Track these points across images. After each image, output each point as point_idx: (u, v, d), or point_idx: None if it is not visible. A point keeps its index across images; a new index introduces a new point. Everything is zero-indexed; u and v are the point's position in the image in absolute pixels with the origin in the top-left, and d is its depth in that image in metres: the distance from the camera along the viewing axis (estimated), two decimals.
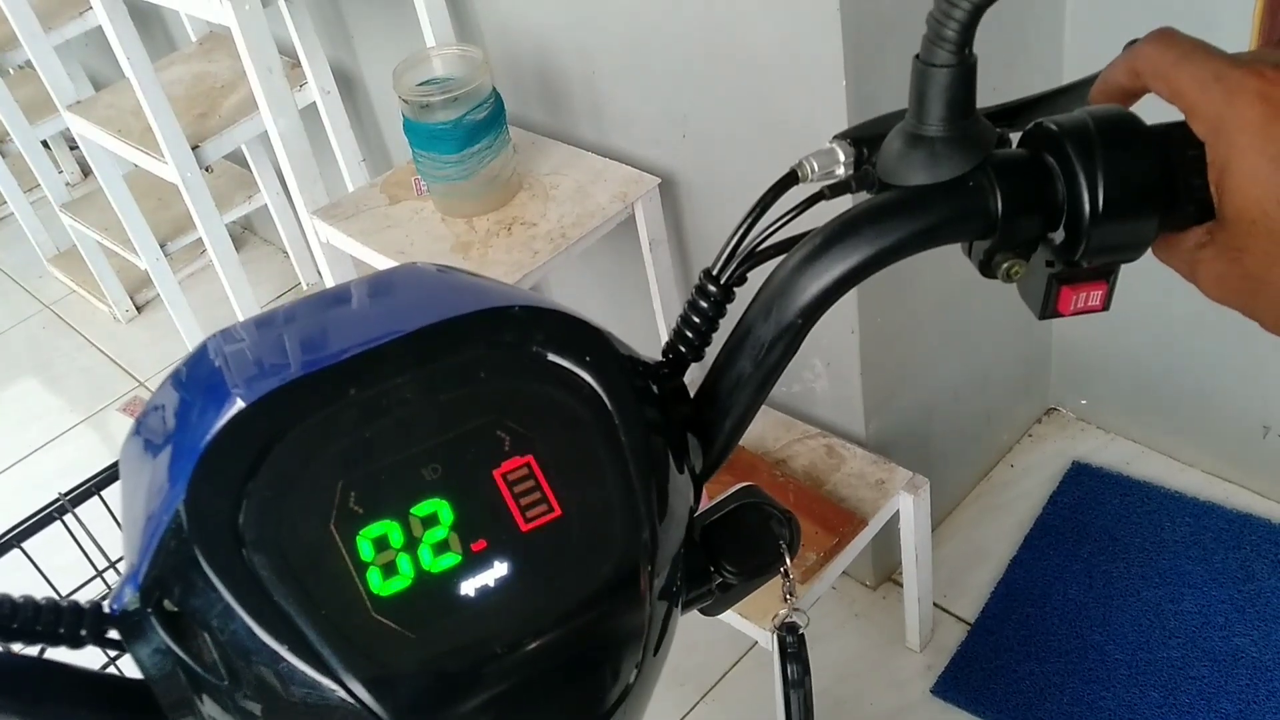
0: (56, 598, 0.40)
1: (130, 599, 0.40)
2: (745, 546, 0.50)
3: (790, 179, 0.47)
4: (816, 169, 0.47)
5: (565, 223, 1.48)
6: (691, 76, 1.42)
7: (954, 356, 1.69)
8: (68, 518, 0.85)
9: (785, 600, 0.52)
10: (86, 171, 3.15)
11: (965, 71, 0.42)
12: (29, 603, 0.39)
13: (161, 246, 2.29)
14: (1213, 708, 1.50)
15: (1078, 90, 0.49)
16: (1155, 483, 1.78)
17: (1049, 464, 1.86)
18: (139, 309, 2.75)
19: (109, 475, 0.86)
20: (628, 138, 1.58)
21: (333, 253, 1.62)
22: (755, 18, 1.29)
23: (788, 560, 0.50)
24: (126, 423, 2.50)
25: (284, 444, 0.40)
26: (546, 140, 1.63)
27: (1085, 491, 1.80)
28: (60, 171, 2.77)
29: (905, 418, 1.65)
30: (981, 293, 1.67)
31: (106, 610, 0.40)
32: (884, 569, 1.76)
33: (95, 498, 0.86)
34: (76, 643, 0.40)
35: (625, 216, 1.51)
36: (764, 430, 1.58)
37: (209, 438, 0.40)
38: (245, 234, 2.87)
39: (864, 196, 0.47)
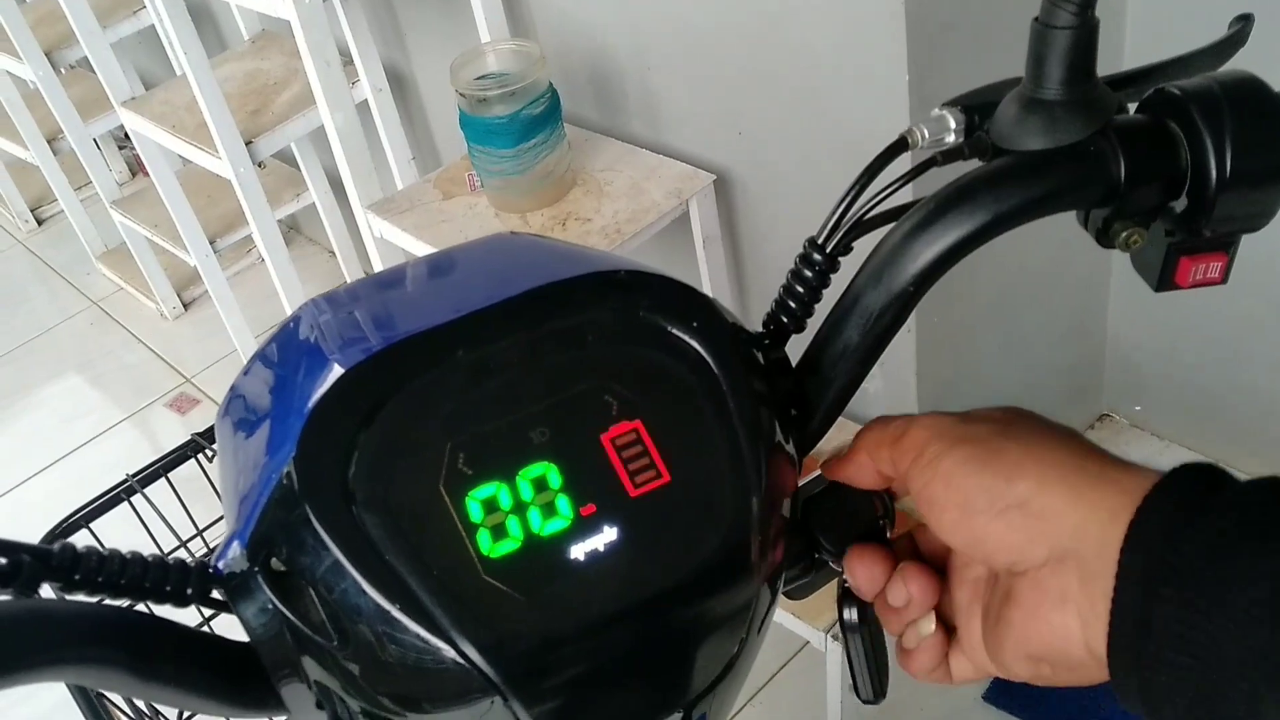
0: (163, 556, 0.40)
1: (237, 557, 0.39)
2: (845, 524, 0.49)
3: (900, 146, 0.46)
4: (927, 136, 0.46)
5: (620, 218, 1.48)
6: (748, 74, 1.41)
7: (1008, 360, 1.67)
8: (136, 499, 0.85)
9: None
10: (134, 171, 3.18)
11: (1087, 33, 0.41)
12: (137, 559, 0.39)
13: (210, 243, 2.31)
14: None
15: (1194, 60, 0.47)
16: None
17: None
18: (186, 306, 2.77)
19: (178, 456, 0.86)
20: (682, 135, 1.57)
21: (386, 247, 1.63)
22: (815, 15, 1.28)
23: (888, 534, 0.49)
24: (173, 419, 2.52)
25: (393, 403, 0.40)
26: (600, 137, 1.63)
27: None
28: (110, 170, 2.79)
29: None
30: (1037, 296, 1.65)
31: (212, 569, 0.40)
32: None
33: (163, 479, 0.86)
34: (182, 600, 0.39)
35: (679, 213, 1.51)
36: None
37: (318, 397, 0.40)
38: (291, 233, 2.89)
39: (975, 164, 0.46)
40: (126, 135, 2.99)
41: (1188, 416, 1.81)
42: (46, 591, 0.38)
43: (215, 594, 0.40)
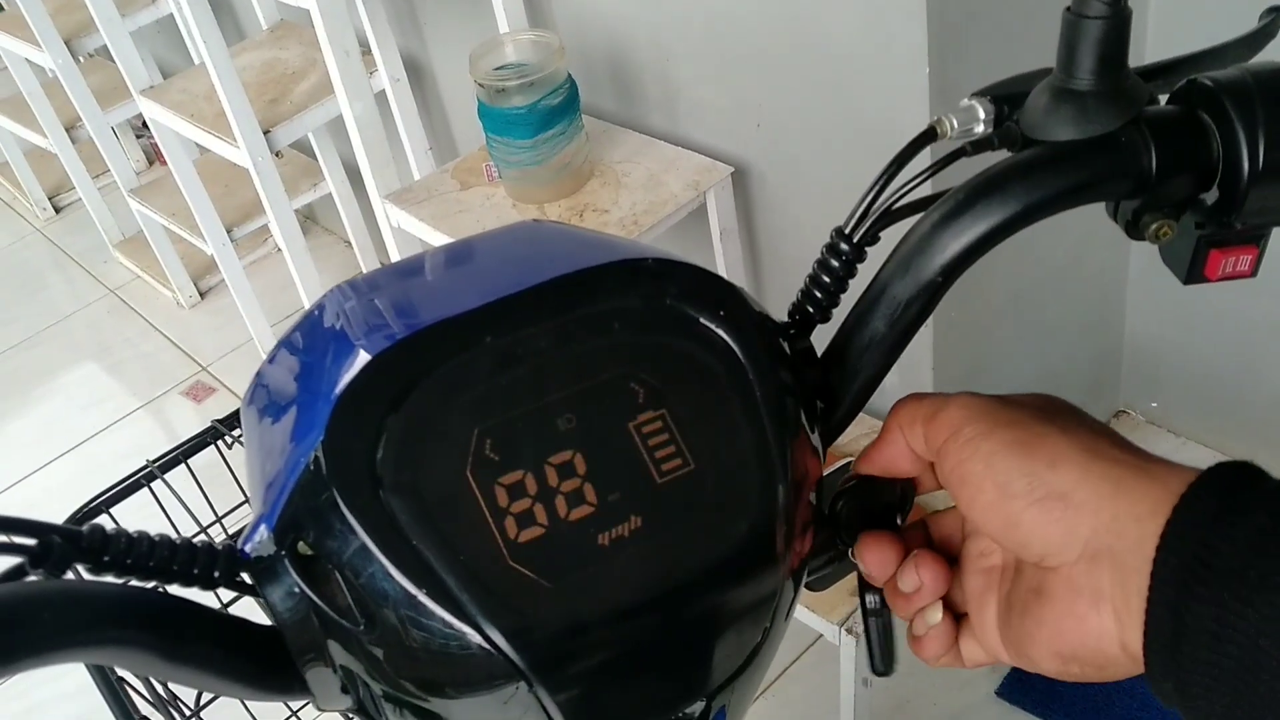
0: (190, 539, 0.40)
1: (264, 541, 0.40)
2: (867, 515, 0.49)
3: (929, 135, 0.46)
4: (956, 126, 0.46)
5: (637, 210, 1.47)
6: (767, 65, 1.41)
7: (1025, 355, 1.67)
8: (156, 485, 0.85)
9: None
10: (152, 160, 3.19)
11: (1119, 23, 0.41)
12: (165, 541, 0.39)
13: (227, 232, 2.32)
14: None
15: (1226, 52, 0.47)
16: None
17: None
18: (202, 295, 2.78)
19: (198, 443, 0.87)
20: (700, 127, 1.57)
21: (403, 237, 1.63)
22: (835, 7, 1.28)
23: (899, 523, 0.49)
24: (189, 407, 2.53)
25: (420, 389, 0.40)
26: (618, 128, 1.63)
27: None
28: (128, 159, 2.80)
29: None
30: (1054, 292, 1.65)
31: (239, 553, 0.40)
32: None
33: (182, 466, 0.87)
34: (209, 584, 0.40)
35: (697, 205, 1.50)
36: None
37: (346, 382, 0.40)
38: (308, 223, 2.89)
39: (1004, 155, 0.45)
40: (144, 124, 3.00)
41: (1205, 413, 1.80)
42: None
43: (242, 578, 0.40)
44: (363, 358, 0.40)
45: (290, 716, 0.93)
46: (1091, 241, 1.60)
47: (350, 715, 0.45)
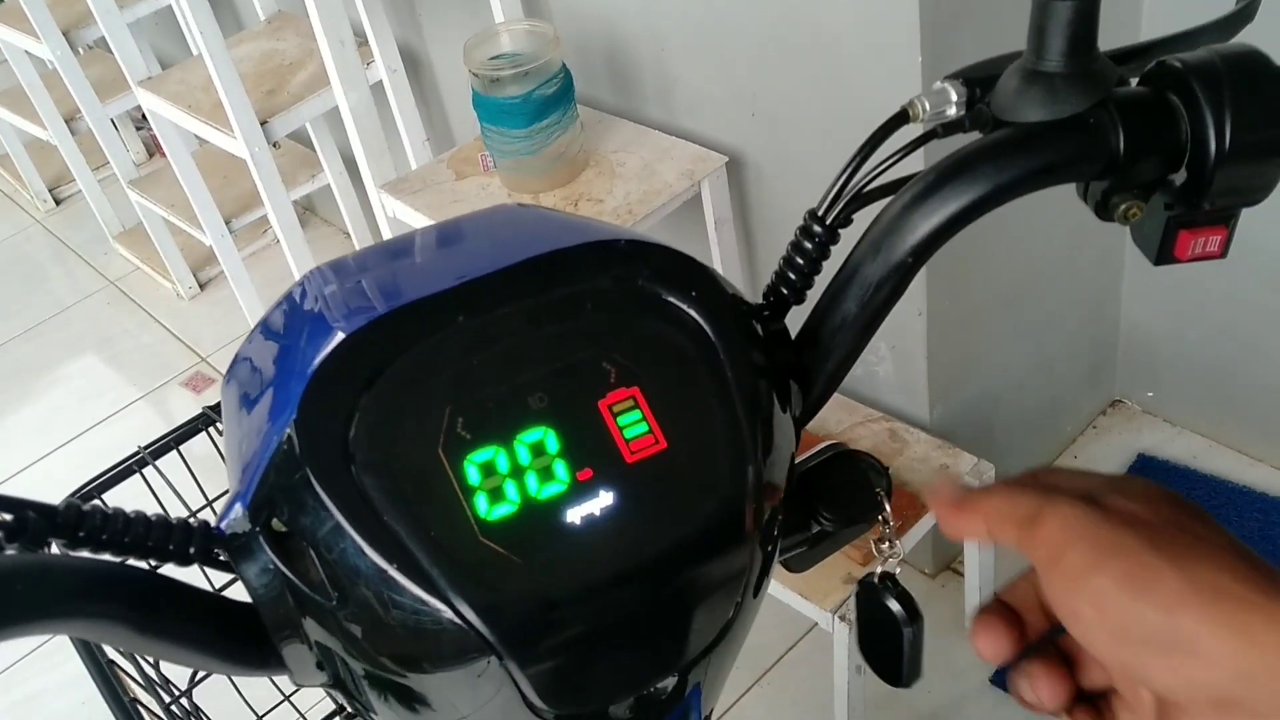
0: (166, 516, 0.40)
1: (239, 518, 0.40)
2: (842, 494, 0.49)
3: (900, 118, 0.46)
4: (928, 108, 0.46)
5: (631, 199, 1.48)
6: (761, 55, 1.41)
7: (1019, 345, 1.67)
8: (147, 471, 0.86)
9: (881, 550, 0.51)
10: (151, 152, 3.19)
11: (1088, 6, 0.41)
12: (141, 518, 0.39)
13: (226, 223, 2.32)
14: None
15: (1201, 34, 0.47)
16: (1223, 477, 1.75)
17: (1114, 456, 1.83)
18: (202, 286, 2.78)
19: (189, 429, 0.87)
20: (695, 117, 1.57)
21: (399, 227, 1.63)
22: None
23: (887, 508, 0.49)
24: (189, 397, 2.54)
25: (393, 368, 0.40)
26: (613, 118, 1.63)
27: None
28: (127, 151, 2.80)
29: (969, 405, 1.63)
30: (1049, 282, 1.65)
31: (215, 530, 0.41)
32: (943, 558, 1.74)
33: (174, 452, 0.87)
34: (185, 560, 0.40)
35: (691, 195, 1.51)
36: (826, 412, 1.57)
37: (319, 361, 0.40)
38: (306, 214, 2.89)
39: (976, 137, 0.46)
40: (144, 116, 3.01)
41: (1200, 403, 1.80)
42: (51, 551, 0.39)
43: (218, 554, 0.41)
44: (336, 337, 0.41)
45: (283, 700, 0.93)
46: (1087, 232, 1.61)
47: (328, 690, 0.46)
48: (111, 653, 0.76)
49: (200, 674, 0.81)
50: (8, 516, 0.36)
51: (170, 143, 2.18)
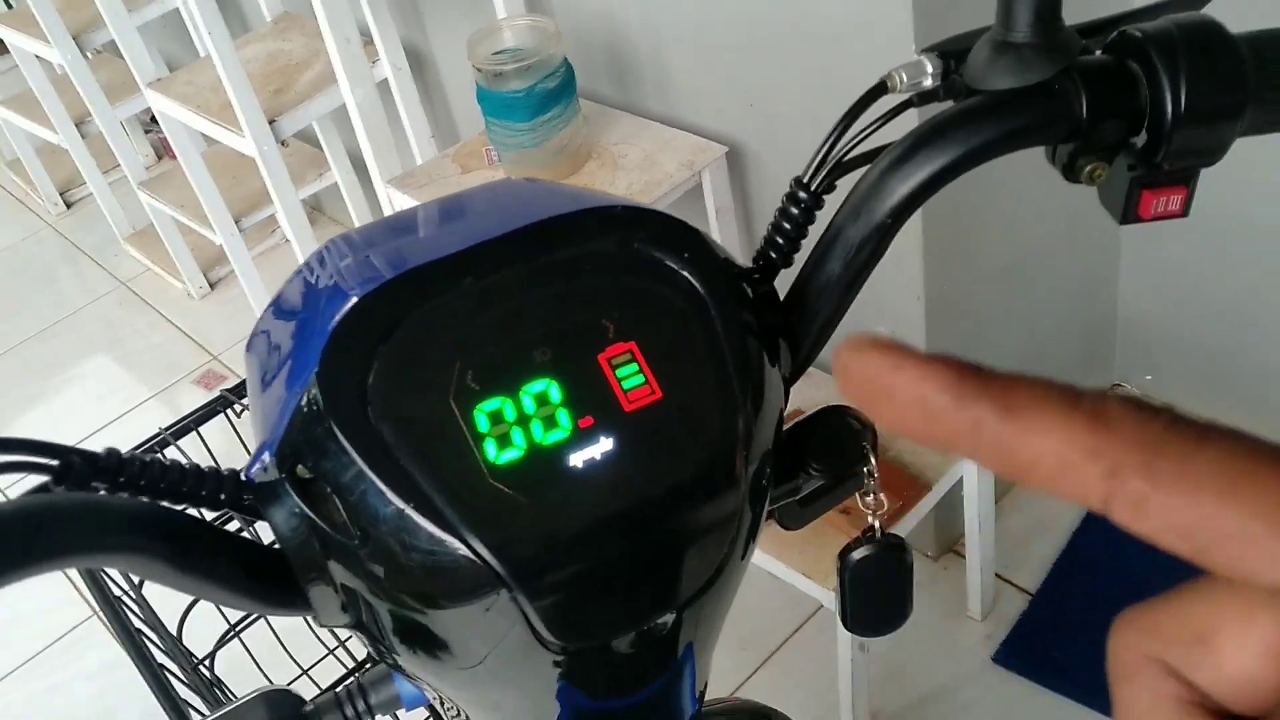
0: (198, 465, 0.43)
1: (267, 465, 0.43)
2: (829, 445, 0.52)
3: (879, 89, 0.49)
4: (905, 80, 0.49)
5: (633, 190, 1.51)
6: (758, 47, 1.44)
7: (1018, 328, 1.69)
8: (169, 451, 0.89)
9: (865, 504, 0.54)
10: (160, 154, 3.23)
11: None
12: (176, 466, 0.42)
13: (236, 223, 2.36)
14: None
15: (1169, 6, 0.50)
16: None
17: None
18: (212, 285, 2.82)
19: (208, 411, 0.90)
20: (694, 109, 1.60)
21: None
22: None
23: (872, 460, 0.52)
24: (201, 395, 2.58)
25: (406, 325, 0.43)
26: (614, 111, 1.66)
27: None
28: (137, 153, 2.84)
29: None
30: (1047, 265, 1.68)
31: (244, 478, 0.44)
32: (945, 540, 1.77)
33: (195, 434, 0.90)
34: (216, 505, 0.43)
35: (693, 185, 1.54)
36: (828, 397, 1.60)
37: (338, 319, 0.43)
38: (314, 214, 2.93)
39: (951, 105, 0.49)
40: (153, 119, 3.05)
41: (1199, 386, 1.82)
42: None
43: (246, 500, 0.44)
44: (353, 299, 0.44)
45: (301, 674, 0.96)
46: (1084, 216, 1.63)
47: (352, 632, 0.49)
48: (139, 623, 0.79)
49: (220, 643, 0.84)
50: (54, 461, 0.40)
51: (180, 143, 2.22)
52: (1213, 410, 1.81)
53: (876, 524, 0.55)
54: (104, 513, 0.39)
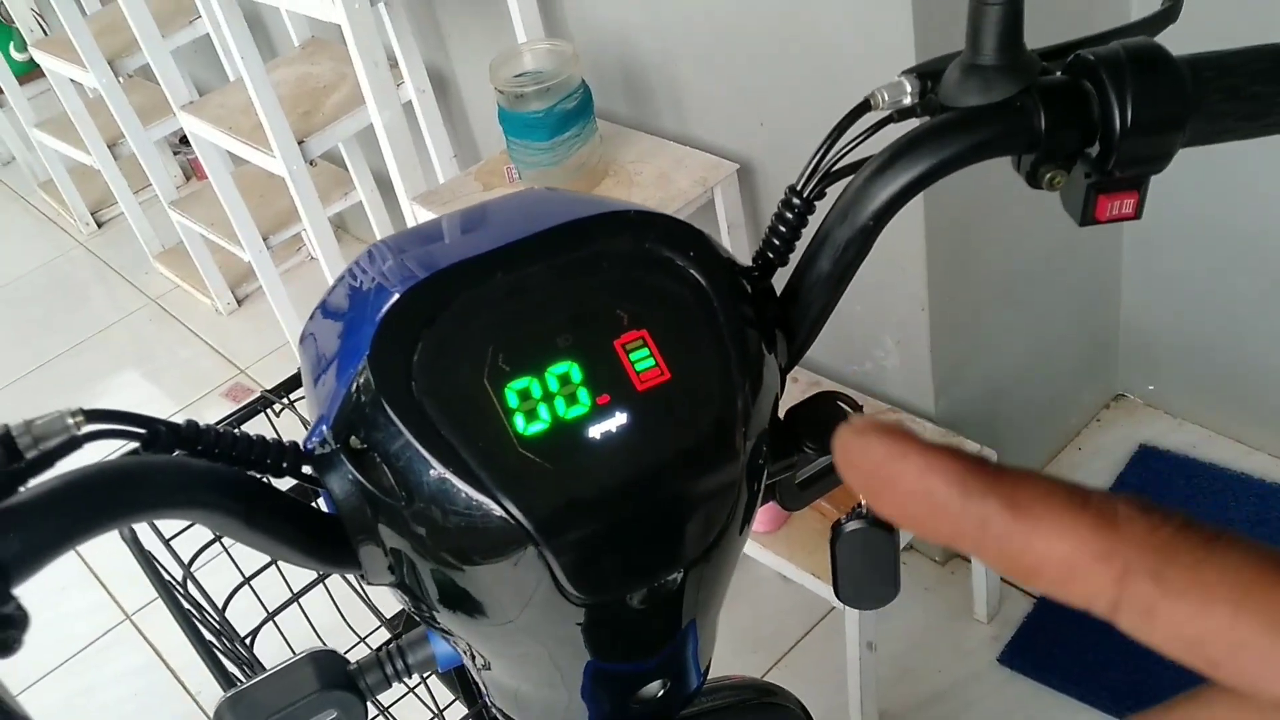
0: (264, 437, 0.50)
1: (324, 437, 0.49)
2: (822, 426, 0.58)
3: (863, 107, 0.55)
4: (886, 98, 0.55)
5: (648, 205, 1.57)
6: (767, 67, 1.51)
7: (1021, 338, 1.74)
8: None
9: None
10: (189, 175, 3.32)
11: (1014, 9, 0.50)
12: (245, 436, 0.49)
13: (264, 240, 2.43)
14: None
15: (1129, 32, 0.56)
16: (1222, 465, 1.82)
17: (1116, 447, 1.90)
18: (240, 302, 2.90)
19: (249, 410, 0.97)
20: (707, 127, 1.67)
21: None
22: (827, 9, 1.37)
23: None
24: (229, 408, 2.65)
25: (445, 315, 0.49)
26: (630, 130, 1.73)
27: (1152, 473, 1.84)
28: (168, 173, 2.93)
29: (974, 398, 1.70)
30: (1050, 276, 1.73)
31: (304, 449, 0.50)
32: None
33: None
34: (279, 472, 0.49)
35: (705, 200, 1.60)
36: None
37: (385, 309, 0.49)
38: (339, 233, 3.01)
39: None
40: (182, 140, 3.14)
41: (1202, 395, 1.87)
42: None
43: (304, 470, 0.50)
44: (397, 293, 0.50)
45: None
46: (1084, 229, 1.68)
47: (395, 591, 0.55)
48: (187, 605, 0.85)
49: (260, 625, 0.90)
50: (143, 430, 0.46)
51: (211, 163, 2.30)
52: (1213, 415, 1.86)
53: (864, 501, 0.61)
54: (188, 473, 0.45)
